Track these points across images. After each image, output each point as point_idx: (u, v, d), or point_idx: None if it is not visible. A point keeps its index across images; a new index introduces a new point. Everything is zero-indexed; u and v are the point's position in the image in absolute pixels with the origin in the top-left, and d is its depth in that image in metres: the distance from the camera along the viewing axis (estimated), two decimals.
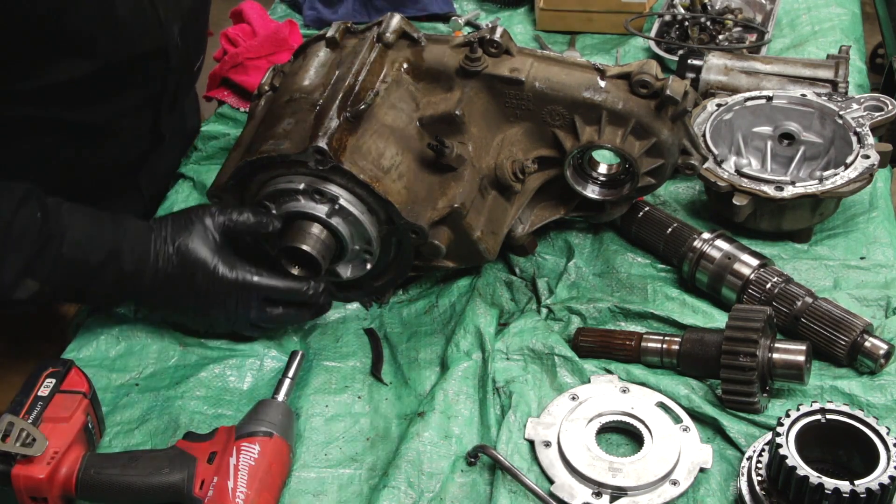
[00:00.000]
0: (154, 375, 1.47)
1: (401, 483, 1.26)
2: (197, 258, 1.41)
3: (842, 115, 1.65)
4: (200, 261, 1.41)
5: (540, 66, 1.48)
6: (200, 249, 1.41)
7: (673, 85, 1.42)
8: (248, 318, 1.46)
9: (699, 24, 2.12)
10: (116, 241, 1.39)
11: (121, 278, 1.39)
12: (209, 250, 1.42)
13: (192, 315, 1.47)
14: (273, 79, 1.62)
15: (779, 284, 1.45)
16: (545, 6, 2.22)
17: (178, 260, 1.41)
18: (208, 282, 1.41)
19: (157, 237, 1.41)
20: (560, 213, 1.59)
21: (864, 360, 1.37)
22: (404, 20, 1.52)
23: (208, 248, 1.42)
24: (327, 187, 1.43)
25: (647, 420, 1.32)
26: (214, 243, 1.42)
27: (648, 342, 1.42)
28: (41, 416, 1.26)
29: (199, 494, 1.22)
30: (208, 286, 1.42)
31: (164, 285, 1.42)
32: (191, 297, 1.43)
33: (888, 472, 1.11)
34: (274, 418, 1.30)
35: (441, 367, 1.44)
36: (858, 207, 1.66)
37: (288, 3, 2.40)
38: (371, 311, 1.56)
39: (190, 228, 1.42)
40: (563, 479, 1.27)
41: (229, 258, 1.43)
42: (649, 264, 1.60)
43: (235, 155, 1.53)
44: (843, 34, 2.12)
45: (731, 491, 1.26)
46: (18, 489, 1.21)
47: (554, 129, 1.50)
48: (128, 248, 1.39)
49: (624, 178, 1.54)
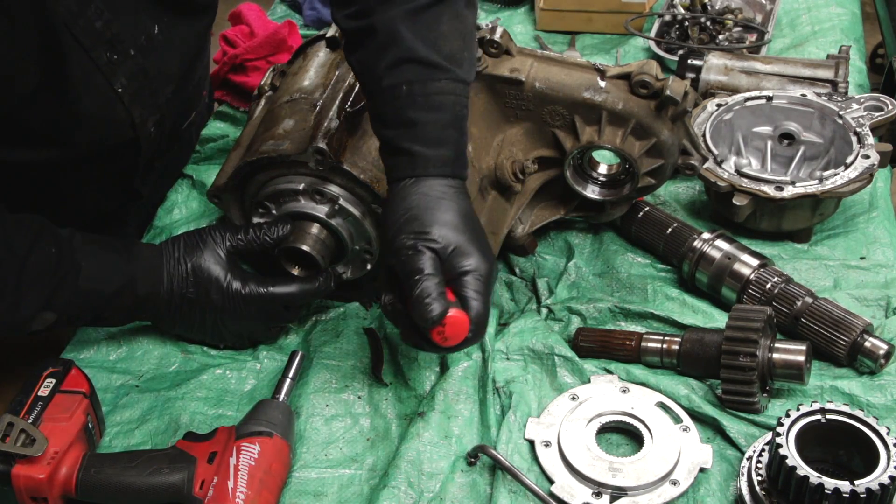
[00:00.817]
0: (154, 376, 1.47)
1: (401, 483, 1.26)
2: (210, 276, 1.43)
3: (842, 115, 1.65)
4: (214, 278, 1.43)
5: (540, 67, 1.48)
6: (213, 268, 1.43)
7: (673, 85, 1.42)
8: (265, 327, 1.49)
9: (699, 24, 2.12)
10: (130, 269, 1.41)
11: (136, 303, 1.42)
12: (221, 268, 1.43)
13: (209, 330, 1.48)
14: (273, 79, 1.62)
15: (779, 284, 1.45)
16: (545, 6, 2.22)
17: (192, 280, 1.43)
18: (223, 298, 1.43)
19: (170, 259, 1.43)
20: (560, 214, 1.60)
21: (864, 360, 1.37)
22: None
23: (220, 266, 1.43)
24: (327, 188, 1.43)
25: (647, 420, 1.32)
26: (225, 261, 1.44)
27: (648, 342, 1.42)
28: (41, 416, 1.26)
29: (199, 494, 1.22)
30: (223, 302, 1.43)
31: (179, 305, 1.44)
32: (207, 313, 1.45)
33: (888, 472, 1.11)
34: (274, 418, 1.30)
35: (441, 368, 1.44)
36: (858, 207, 1.66)
37: (288, 3, 2.40)
38: (371, 311, 1.56)
39: (201, 248, 1.44)
40: (563, 479, 1.27)
41: (241, 273, 1.45)
42: (649, 264, 1.60)
43: (235, 155, 1.53)
44: (843, 34, 2.12)
45: (731, 491, 1.26)
46: (18, 489, 1.21)
47: (554, 129, 1.50)
48: (141, 274, 1.41)
49: (624, 178, 1.54)
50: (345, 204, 1.43)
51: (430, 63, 1.27)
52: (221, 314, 1.45)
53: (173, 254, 1.44)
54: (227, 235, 1.45)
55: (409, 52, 1.27)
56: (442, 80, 1.28)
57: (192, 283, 1.43)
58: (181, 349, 1.51)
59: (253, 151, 1.45)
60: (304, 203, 1.44)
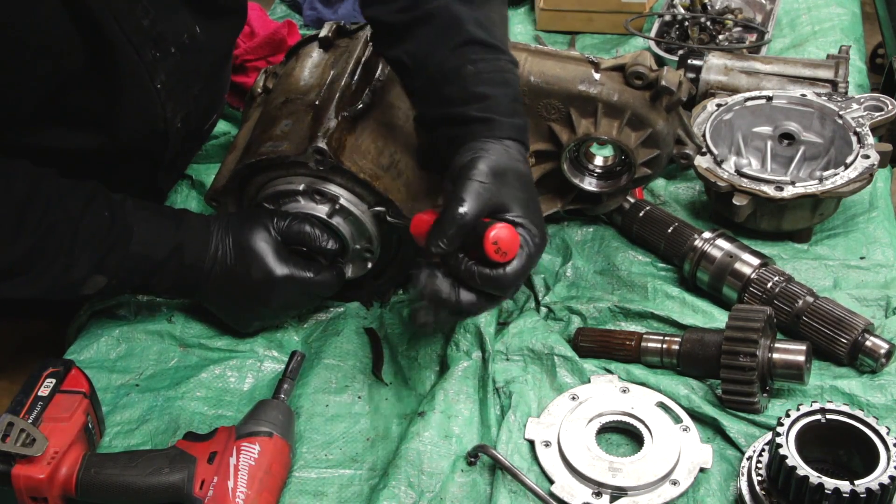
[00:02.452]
0: (154, 376, 1.47)
1: (401, 483, 1.26)
2: (254, 252, 1.43)
3: (842, 115, 1.65)
4: (257, 255, 1.43)
5: (534, 61, 1.48)
6: (258, 245, 1.43)
7: (667, 76, 1.43)
8: (295, 310, 1.52)
9: (699, 24, 2.12)
10: (179, 236, 1.42)
11: (182, 269, 1.43)
12: (266, 245, 1.44)
13: (243, 311, 1.49)
14: (266, 81, 1.62)
15: (780, 284, 1.45)
16: (545, 6, 2.22)
17: (235, 253, 1.44)
18: (263, 275, 1.44)
19: (218, 230, 1.45)
20: (557, 207, 1.60)
21: (864, 360, 1.37)
22: None
23: (266, 244, 1.44)
24: (327, 187, 1.43)
25: (647, 420, 1.32)
26: (271, 241, 1.44)
27: (648, 342, 1.42)
28: (41, 416, 1.26)
29: (199, 494, 1.22)
30: (263, 278, 1.44)
31: (221, 276, 1.44)
32: (246, 289, 1.45)
33: (888, 472, 1.11)
34: (274, 418, 1.30)
35: (441, 367, 1.44)
36: (858, 207, 1.66)
37: (288, 2, 2.40)
38: (371, 311, 1.56)
39: (249, 225, 1.45)
40: (563, 479, 1.27)
41: (284, 254, 1.45)
42: (650, 263, 1.60)
43: (232, 158, 1.53)
44: (843, 34, 2.12)
45: (731, 491, 1.26)
46: (18, 489, 1.21)
47: (550, 122, 1.50)
48: (189, 242, 1.43)
49: (620, 169, 1.55)
50: (345, 203, 1.43)
51: (491, 45, 1.35)
52: (259, 291, 1.45)
53: (221, 225, 1.45)
54: (278, 219, 1.45)
55: (471, 35, 1.34)
56: (502, 59, 1.36)
57: (235, 256, 1.43)
58: (178, 343, 1.51)
59: (251, 153, 1.45)
60: (304, 203, 1.44)
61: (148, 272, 1.42)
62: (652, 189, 1.73)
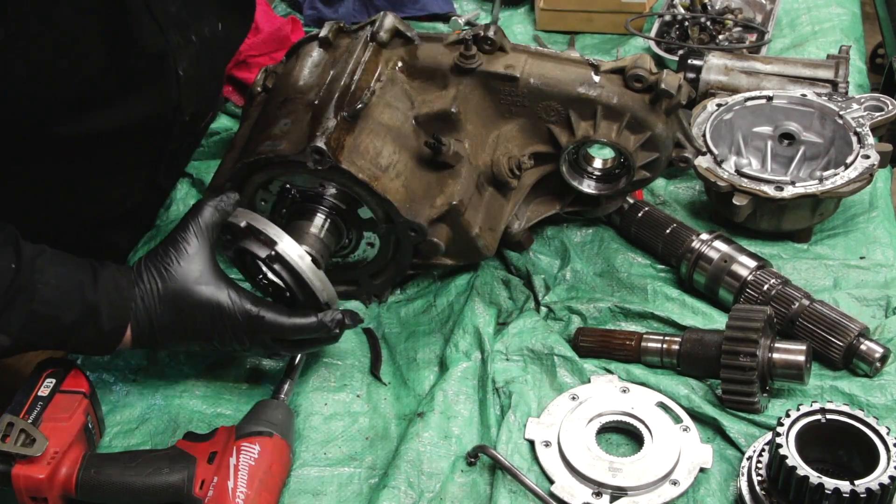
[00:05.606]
0: (153, 374, 1.46)
1: (401, 483, 1.26)
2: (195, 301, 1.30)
3: (842, 115, 1.65)
4: (201, 303, 1.30)
5: (534, 63, 1.48)
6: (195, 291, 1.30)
7: (667, 79, 1.43)
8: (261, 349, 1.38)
9: (699, 24, 2.12)
10: (92, 299, 1.27)
11: (101, 335, 1.29)
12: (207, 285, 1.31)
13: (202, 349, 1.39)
14: (265, 80, 1.62)
15: (776, 286, 1.45)
16: (545, 6, 2.22)
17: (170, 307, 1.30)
18: (210, 322, 1.31)
19: (142, 285, 1.30)
20: (556, 209, 1.60)
21: (859, 364, 1.37)
22: (397, 19, 1.52)
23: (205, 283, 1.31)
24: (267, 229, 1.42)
25: (647, 420, 1.32)
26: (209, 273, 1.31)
27: (648, 342, 1.42)
28: (41, 416, 1.26)
29: (199, 494, 1.22)
30: (211, 326, 1.32)
31: (160, 332, 1.31)
32: (194, 338, 1.34)
33: (888, 472, 1.11)
34: (274, 418, 1.30)
35: (440, 368, 1.44)
36: (858, 207, 1.66)
37: (288, 2, 2.39)
38: (369, 311, 1.56)
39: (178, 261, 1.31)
40: (563, 479, 1.27)
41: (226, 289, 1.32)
42: (649, 264, 1.60)
43: (231, 157, 1.53)
44: (843, 34, 2.12)
45: (731, 491, 1.26)
46: (18, 489, 1.21)
47: (549, 124, 1.50)
48: (105, 305, 1.27)
49: (619, 172, 1.55)
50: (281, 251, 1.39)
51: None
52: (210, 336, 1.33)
53: (144, 277, 1.30)
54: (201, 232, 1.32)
55: None
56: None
57: (171, 310, 1.30)
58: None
59: (250, 152, 1.45)
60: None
61: (60, 335, 1.26)
62: (652, 189, 1.73)
